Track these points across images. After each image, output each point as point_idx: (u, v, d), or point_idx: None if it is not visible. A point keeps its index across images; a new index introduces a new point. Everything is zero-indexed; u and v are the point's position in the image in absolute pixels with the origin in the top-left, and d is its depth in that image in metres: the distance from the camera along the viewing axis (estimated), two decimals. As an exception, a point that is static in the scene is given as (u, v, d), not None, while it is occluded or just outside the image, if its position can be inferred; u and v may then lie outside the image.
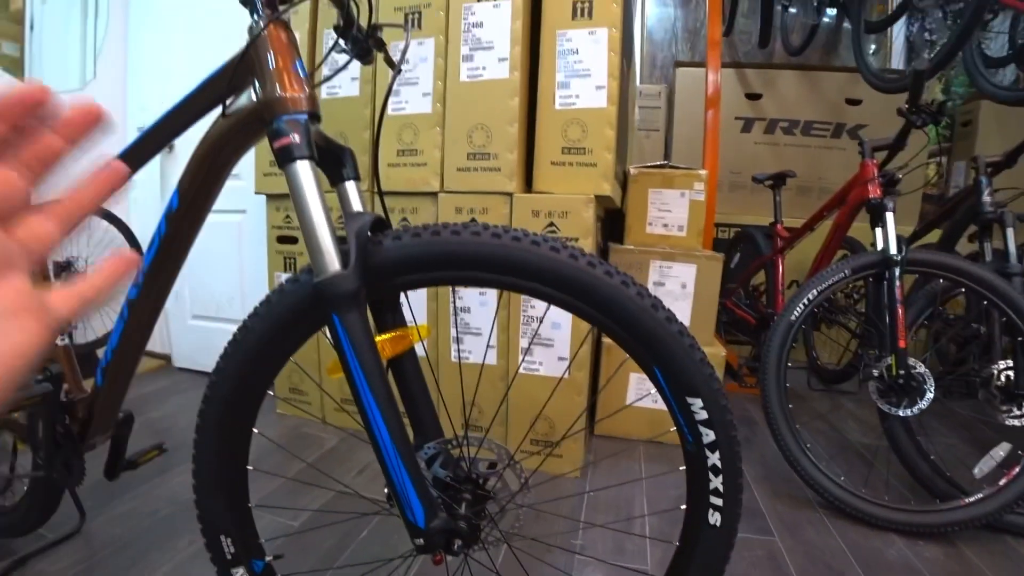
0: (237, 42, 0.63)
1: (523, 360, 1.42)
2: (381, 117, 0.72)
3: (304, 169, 0.55)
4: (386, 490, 0.67)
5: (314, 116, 0.60)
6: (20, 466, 1.24)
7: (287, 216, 1.69)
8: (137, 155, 0.77)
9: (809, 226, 1.93)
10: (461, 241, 0.55)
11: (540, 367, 1.42)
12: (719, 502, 0.62)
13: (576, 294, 0.57)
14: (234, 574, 0.71)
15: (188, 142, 0.68)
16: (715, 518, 0.63)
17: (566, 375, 1.38)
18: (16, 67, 2.00)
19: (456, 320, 1.46)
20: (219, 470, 0.67)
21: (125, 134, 2.34)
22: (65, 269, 2.04)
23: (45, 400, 0.82)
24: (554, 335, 1.39)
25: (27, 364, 0.23)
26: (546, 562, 1.08)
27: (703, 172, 1.77)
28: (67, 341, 0.93)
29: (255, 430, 0.68)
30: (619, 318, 0.58)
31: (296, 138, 0.56)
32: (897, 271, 1.29)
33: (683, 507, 0.66)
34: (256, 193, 1.74)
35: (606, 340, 1.66)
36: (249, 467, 0.70)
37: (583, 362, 1.39)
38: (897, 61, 2.75)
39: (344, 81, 1.56)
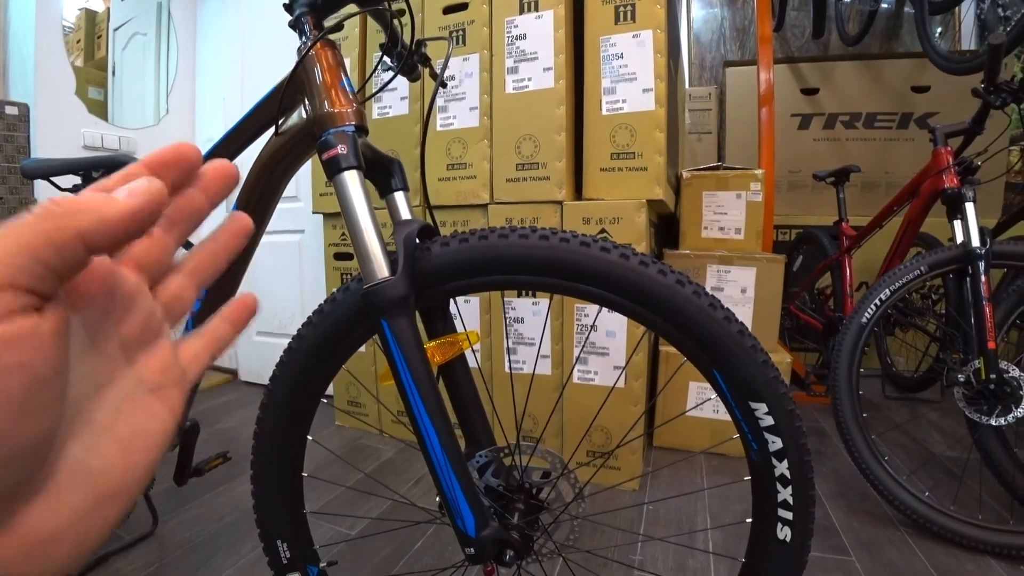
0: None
1: (577, 369, 1.40)
2: (425, 128, 0.73)
3: (352, 179, 0.56)
4: (438, 499, 0.67)
5: (361, 129, 0.62)
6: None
7: (343, 234, 1.75)
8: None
9: (877, 223, 1.81)
10: (509, 244, 0.55)
11: (595, 376, 1.39)
12: (788, 515, 0.58)
13: (629, 295, 0.55)
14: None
15: (247, 163, 0.71)
16: (784, 532, 0.58)
17: (621, 384, 1.35)
18: (101, 110, 2.18)
19: (509, 330, 1.46)
20: (275, 476, 0.69)
21: (194, 163, 2.50)
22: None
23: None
24: (609, 343, 1.36)
25: (168, 440, 0.22)
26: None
27: (759, 172, 1.70)
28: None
29: (309, 438, 0.69)
30: (675, 319, 0.55)
31: (343, 149, 0.57)
32: (981, 265, 1.19)
33: (749, 520, 0.62)
34: (314, 213, 1.81)
35: (663, 348, 1.61)
36: (304, 474, 0.71)
37: (639, 370, 1.35)
38: (967, 42, 2.57)
39: (394, 101, 1.61)
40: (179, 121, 2.45)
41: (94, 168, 1.07)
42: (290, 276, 2.21)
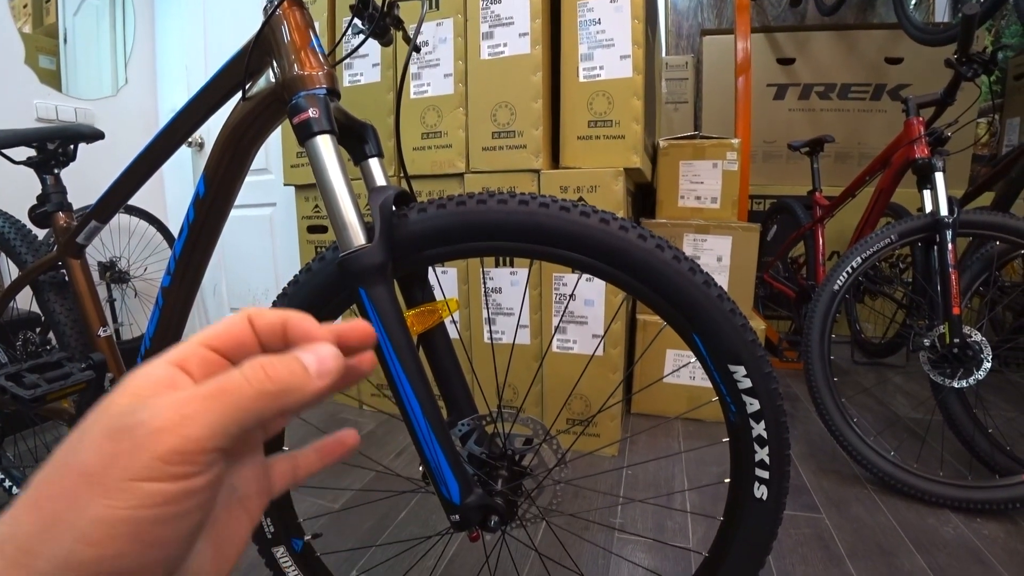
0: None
1: (556, 338, 1.40)
2: (399, 95, 0.71)
3: (325, 143, 0.54)
4: (421, 468, 0.67)
5: (333, 92, 0.59)
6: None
7: (316, 206, 1.71)
8: (164, 146, 0.78)
9: (850, 192, 1.84)
10: (488, 210, 0.54)
11: (574, 345, 1.40)
12: (765, 475, 0.60)
13: (608, 260, 0.55)
14: (275, 552, 0.72)
15: (214, 130, 0.68)
16: (761, 491, 0.60)
17: (600, 352, 1.36)
18: (54, 79, 2.05)
19: (487, 300, 1.45)
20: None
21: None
22: (109, 268, 2.12)
23: (89, 387, 0.85)
24: (587, 312, 1.36)
25: (247, 543, 0.25)
26: (585, 539, 1.07)
27: (735, 141, 1.70)
28: (110, 331, 0.95)
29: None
30: (654, 283, 0.55)
31: (315, 113, 0.55)
32: (949, 234, 1.22)
33: (727, 480, 0.63)
34: (285, 185, 1.76)
35: (640, 316, 1.62)
36: (285, 448, 0.70)
37: (617, 339, 1.36)
38: (941, 14, 2.59)
39: (366, 67, 1.56)
40: (139, 91, 2.32)
41: (49, 139, 1.02)
42: (262, 251, 2.16)
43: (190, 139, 2.14)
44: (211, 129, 0.76)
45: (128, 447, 0.18)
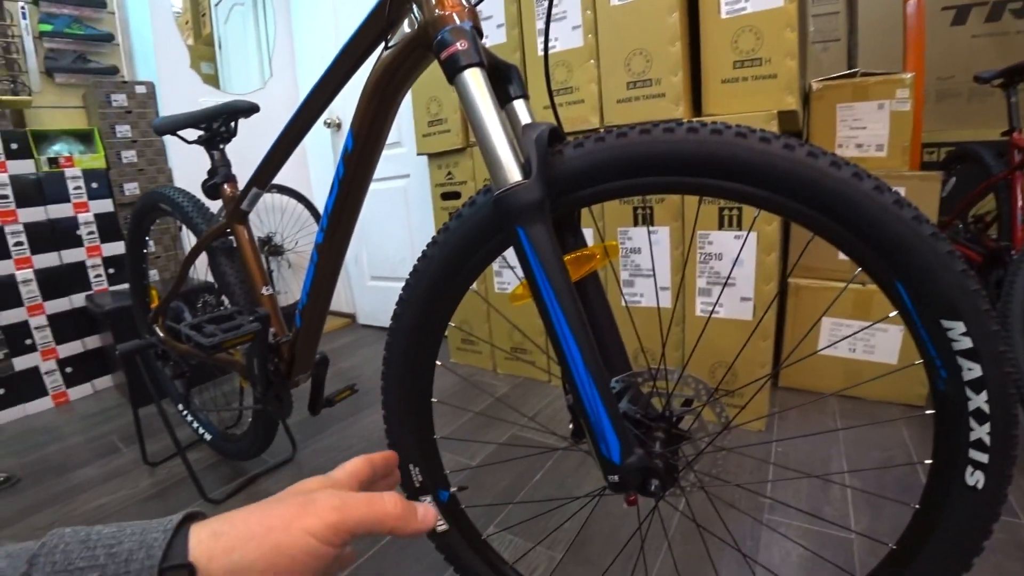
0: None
1: (700, 301, 1.31)
2: (546, 45, 0.66)
3: (474, 77, 0.51)
4: (571, 425, 0.64)
5: (478, 31, 0.56)
6: (247, 403, 1.47)
7: (449, 173, 1.73)
8: (308, 112, 0.82)
9: (1065, 130, 1.51)
10: (653, 140, 0.48)
11: (720, 309, 1.29)
12: (983, 458, 0.48)
13: (793, 193, 0.46)
14: (422, 501, 0.73)
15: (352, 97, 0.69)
16: (976, 478, 0.49)
17: (749, 317, 1.24)
18: (214, 81, 2.40)
19: (625, 261, 1.38)
20: (406, 401, 0.69)
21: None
22: (267, 243, 2.39)
23: (256, 338, 0.93)
24: (736, 273, 1.25)
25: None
26: (739, 508, 1.00)
27: (907, 76, 1.46)
28: (271, 291, 1.04)
29: (438, 363, 0.68)
30: (850, 220, 0.46)
31: (463, 45, 0.52)
32: None
33: (928, 461, 0.53)
34: (418, 154, 1.81)
35: (793, 280, 1.46)
36: (433, 399, 0.71)
37: (768, 303, 1.23)
38: None
39: (490, 29, 1.54)
40: (282, 81, 2.56)
41: (214, 118, 1.14)
42: (399, 222, 2.27)
43: (328, 120, 2.29)
44: (347, 109, 0.78)
45: (310, 511, 0.30)
